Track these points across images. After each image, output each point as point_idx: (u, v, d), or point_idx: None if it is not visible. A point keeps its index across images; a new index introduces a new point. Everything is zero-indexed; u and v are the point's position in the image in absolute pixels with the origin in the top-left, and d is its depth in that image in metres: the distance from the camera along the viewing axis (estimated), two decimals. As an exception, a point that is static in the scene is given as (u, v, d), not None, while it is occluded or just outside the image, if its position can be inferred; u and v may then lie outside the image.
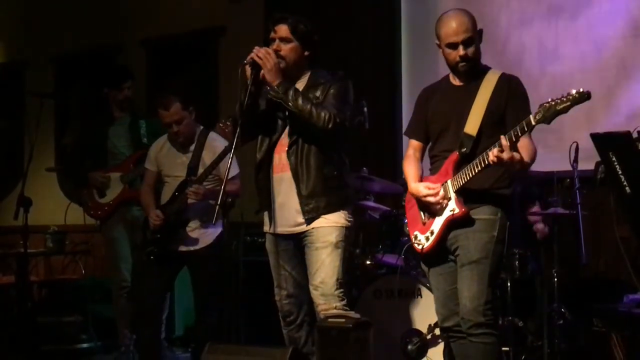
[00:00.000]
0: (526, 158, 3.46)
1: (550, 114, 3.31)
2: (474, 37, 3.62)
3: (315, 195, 3.91)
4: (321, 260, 3.90)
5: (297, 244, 4.01)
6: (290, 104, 3.83)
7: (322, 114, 3.81)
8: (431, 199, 3.64)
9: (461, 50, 3.60)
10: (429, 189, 3.65)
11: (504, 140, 3.37)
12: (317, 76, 4.00)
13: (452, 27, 3.60)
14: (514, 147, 3.40)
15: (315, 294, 3.93)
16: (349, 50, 6.65)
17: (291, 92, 3.84)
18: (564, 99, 3.30)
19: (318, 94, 3.94)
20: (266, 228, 4.08)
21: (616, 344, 4.35)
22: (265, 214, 4.07)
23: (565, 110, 3.30)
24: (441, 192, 3.63)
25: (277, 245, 4.04)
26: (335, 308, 3.87)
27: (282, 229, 4.00)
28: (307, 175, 3.91)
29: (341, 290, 3.92)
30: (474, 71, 3.68)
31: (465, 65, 3.63)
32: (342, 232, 3.94)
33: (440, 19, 3.69)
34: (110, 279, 5.79)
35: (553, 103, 3.31)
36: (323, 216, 3.92)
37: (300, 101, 3.83)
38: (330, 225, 3.91)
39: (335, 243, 3.90)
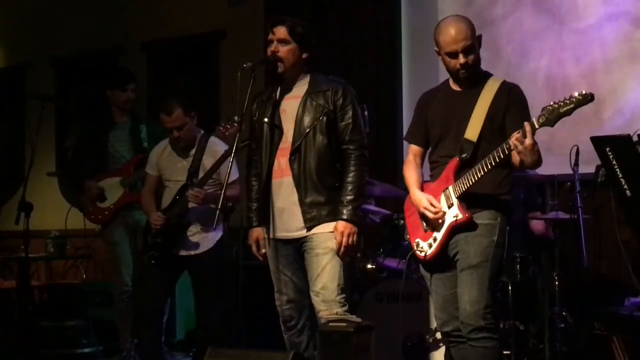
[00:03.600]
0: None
1: (553, 117, 3.31)
2: (474, 44, 3.60)
3: (317, 204, 3.93)
4: (322, 266, 3.90)
5: (296, 249, 4.01)
6: (360, 203, 3.97)
7: (363, 164, 3.98)
8: (429, 214, 3.64)
9: (461, 59, 3.58)
10: (432, 204, 3.64)
11: (527, 126, 3.34)
12: (317, 81, 4.01)
13: (451, 35, 3.57)
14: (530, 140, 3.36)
15: (316, 300, 3.93)
16: (349, 54, 6.66)
17: (354, 207, 3.92)
18: (567, 102, 3.30)
19: (321, 102, 3.94)
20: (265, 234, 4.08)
21: (617, 347, 4.34)
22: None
23: (568, 112, 3.30)
24: (443, 209, 3.62)
25: (277, 251, 4.03)
26: (337, 314, 3.86)
27: (281, 234, 4.00)
28: (311, 183, 3.92)
29: (343, 295, 3.91)
30: (474, 77, 3.67)
31: (465, 73, 3.62)
32: None
33: (439, 27, 3.66)
34: (112, 283, 5.79)
35: (556, 106, 3.31)
36: (323, 225, 3.92)
37: (359, 197, 3.96)
38: (330, 231, 3.92)
39: (335, 248, 3.90)
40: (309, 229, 3.93)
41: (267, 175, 4.00)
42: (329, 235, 3.91)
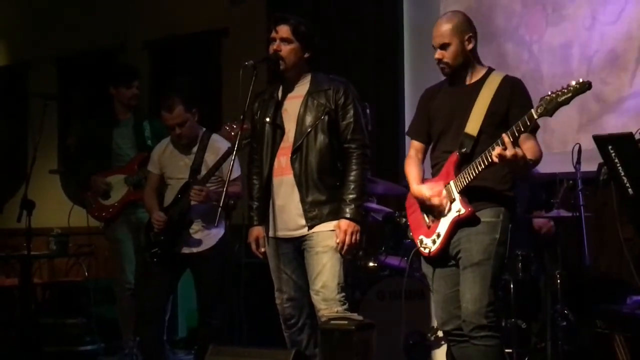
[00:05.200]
0: (529, 156, 3.45)
1: (552, 106, 3.32)
2: (450, 42, 3.65)
3: (318, 203, 3.93)
4: (322, 264, 3.90)
5: (296, 248, 4.01)
6: (362, 202, 3.98)
7: (365, 163, 4.00)
8: (435, 200, 3.64)
9: (437, 54, 3.67)
10: (432, 189, 3.65)
11: (505, 137, 3.36)
12: (318, 80, 4.01)
13: (433, 31, 3.69)
14: (516, 143, 3.39)
15: (316, 299, 3.93)
16: (351, 53, 6.66)
17: (357, 206, 3.94)
18: (565, 90, 3.31)
19: (323, 101, 3.95)
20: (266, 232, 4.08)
21: (619, 345, 4.34)
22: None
23: (567, 101, 3.31)
24: (444, 192, 3.63)
25: (277, 249, 4.04)
26: (337, 312, 3.86)
27: (282, 232, 4.01)
28: (312, 182, 3.93)
29: (343, 294, 3.92)
30: (467, 70, 3.70)
31: (442, 68, 3.70)
32: None
33: None
34: (114, 281, 5.79)
35: (554, 95, 3.32)
36: (323, 224, 3.93)
37: (362, 195, 3.98)
38: (330, 230, 3.92)
39: (335, 247, 3.91)
40: (310, 227, 3.93)
41: (267, 174, 4.01)
42: (329, 234, 3.92)
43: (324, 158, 3.94)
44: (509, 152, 3.35)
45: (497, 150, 3.37)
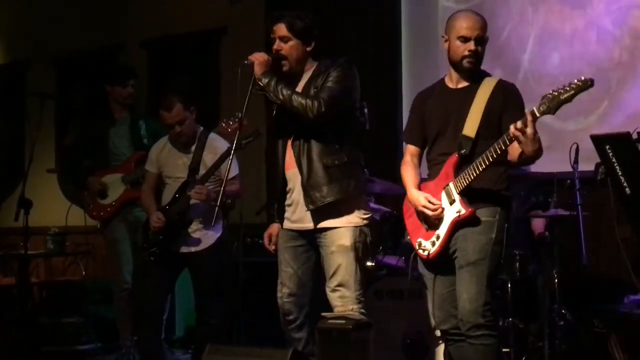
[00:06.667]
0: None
1: (555, 104, 3.32)
2: (485, 38, 3.66)
3: (316, 185, 3.85)
4: (337, 263, 3.87)
5: (310, 242, 3.98)
6: (272, 94, 3.82)
7: (305, 102, 3.77)
8: (428, 212, 3.64)
9: (472, 46, 3.61)
10: (429, 201, 3.64)
11: (529, 116, 3.34)
12: (320, 65, 3.96)
13: (468, 22, 3.64)
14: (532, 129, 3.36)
15: (332, 296, 3.90)
16: (349, 51, 6.62)
17: (273, 83, 3.81)
18: (567, 88, 3.31)
19: (319, 82, 3.90)
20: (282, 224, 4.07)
21: (615, 345, 4.34)
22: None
23: (569, 99, 3.31)
24: (443, 206, 3.62)
25: (290, 242, 4.02)
26: (352, 310, 3.84)
27: (294, 225, 3.98)
28: (308, 165, 3.88)
29: (360, 291, 3.90)
30: (475, 72, 3.68)
31: (471, 62, 3.63)
32: (356, 232, 3.89)
33: (456, 14, 3.73)
34: (111, 281, 5.79)
35: (556, 93, 3.32)
36: (336, 218, 3.87)
37: (281, 91, 3.80)
38: (343, 226, 3.88)
39: (349, 246, 3.87)
40: (313, 214, 3.87)
41: (281, 167, 4.00)
42: (343, 232, 3.87)
43: (320, 139, 3.88)
44: (529, 130, 3.33)
45: (519, 124, 3.34)
